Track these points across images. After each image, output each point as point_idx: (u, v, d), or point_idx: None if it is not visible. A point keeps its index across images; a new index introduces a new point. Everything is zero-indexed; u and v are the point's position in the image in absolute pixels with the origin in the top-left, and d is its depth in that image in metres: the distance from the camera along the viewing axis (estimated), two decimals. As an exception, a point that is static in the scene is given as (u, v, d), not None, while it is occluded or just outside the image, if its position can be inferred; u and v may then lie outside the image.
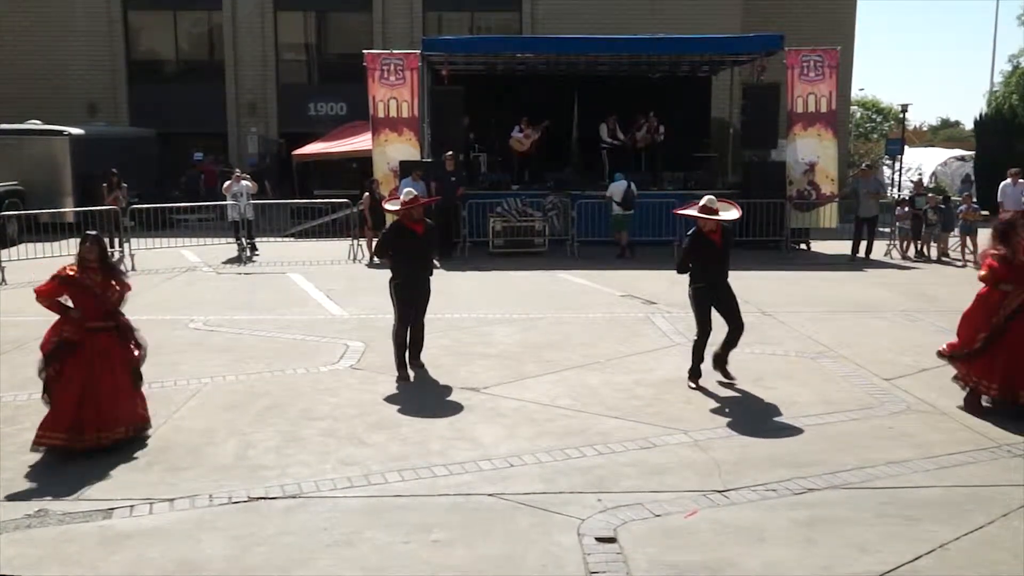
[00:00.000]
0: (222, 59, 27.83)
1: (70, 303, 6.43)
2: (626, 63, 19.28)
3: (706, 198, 7.89)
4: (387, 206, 9.09)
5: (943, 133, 62.17)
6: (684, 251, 7.99)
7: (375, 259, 16.16)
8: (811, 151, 17.29)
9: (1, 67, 26.48)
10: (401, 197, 8.61)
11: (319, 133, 25.59)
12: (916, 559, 4.61)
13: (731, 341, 8.06)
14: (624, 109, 19.33)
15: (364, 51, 18.00)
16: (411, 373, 8.28)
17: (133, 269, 14.96)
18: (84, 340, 6.30)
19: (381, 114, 17.39)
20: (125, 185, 16.92)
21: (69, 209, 18.49)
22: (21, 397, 7.65)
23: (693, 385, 7.92)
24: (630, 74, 20.08)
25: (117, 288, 6.49)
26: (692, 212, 7.86)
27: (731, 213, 7.97)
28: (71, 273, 6.35)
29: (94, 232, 6.65)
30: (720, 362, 8.07)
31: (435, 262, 9.48)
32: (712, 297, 7.97)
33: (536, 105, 19.07)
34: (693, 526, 5.06)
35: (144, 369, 6.85)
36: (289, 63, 28.75)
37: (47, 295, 6.40)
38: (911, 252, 16.75)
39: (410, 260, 8.30)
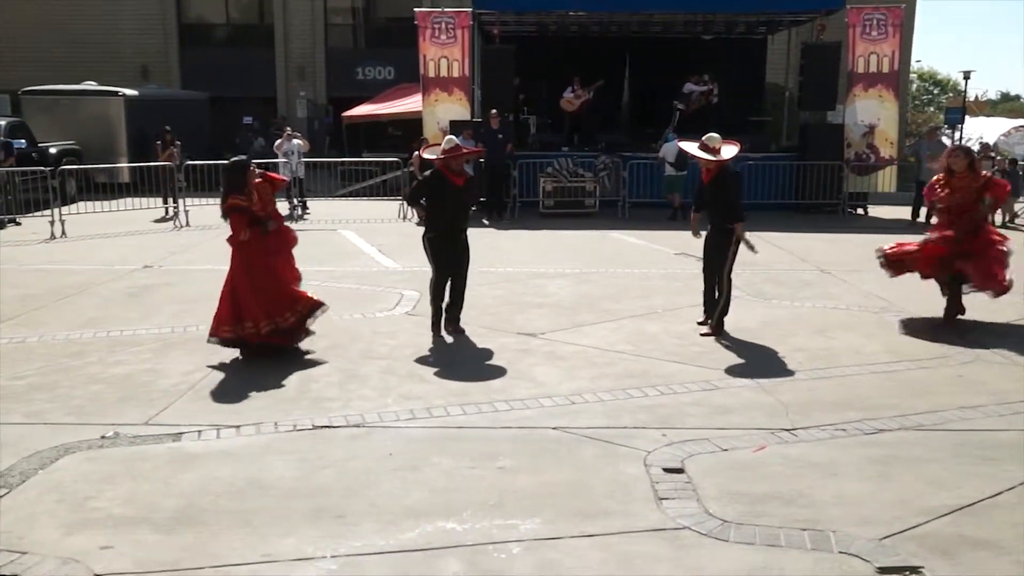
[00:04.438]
0: (271, 23, 27.95)
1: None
2: (680, 22, 18.91)
3: (706, 136, 7.84)
4: (425, 154, 8.30)
5: (1003, 107, 60.24)
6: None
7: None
8: (871, 113, 16.84)
9: (56, 31, 26.89)
10: (442, 146, 7.86)
11: (367, 97, 25.60)
12: (997, 495, 4.47)
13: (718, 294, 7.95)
14: (677, 72, 18.98)
15: (415, 9, 17.88)
16: (446, 336, 7.73)
17: (187, 225, 15.16)
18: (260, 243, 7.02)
19: (432, 73, 17.30)
20: (179, 143, 17.08)
21: (124, 165, 18.77)
22: (87, 335, 7.82)
23: (700, 321, 8.08)
24: (683, 35, 19.70)
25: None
26: (692, 149, 7.89)
27: (728, 150, 7.77)
28: (239, 203, 6.88)
29: (243, 158, 7.41)
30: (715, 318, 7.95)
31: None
32: (706, 239, 8.01)
33: (587, 68, 18.80)
34: (762, 460, 4.98)
35: (210, 312, 7.21)
36: (337, 27, 28.78)
37: (238, 232, 6.95)
38: (974, 217, 16.23)
39: (446, 214, 7.68)
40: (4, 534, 4.09)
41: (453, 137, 8.25)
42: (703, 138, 7.81)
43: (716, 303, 7.88)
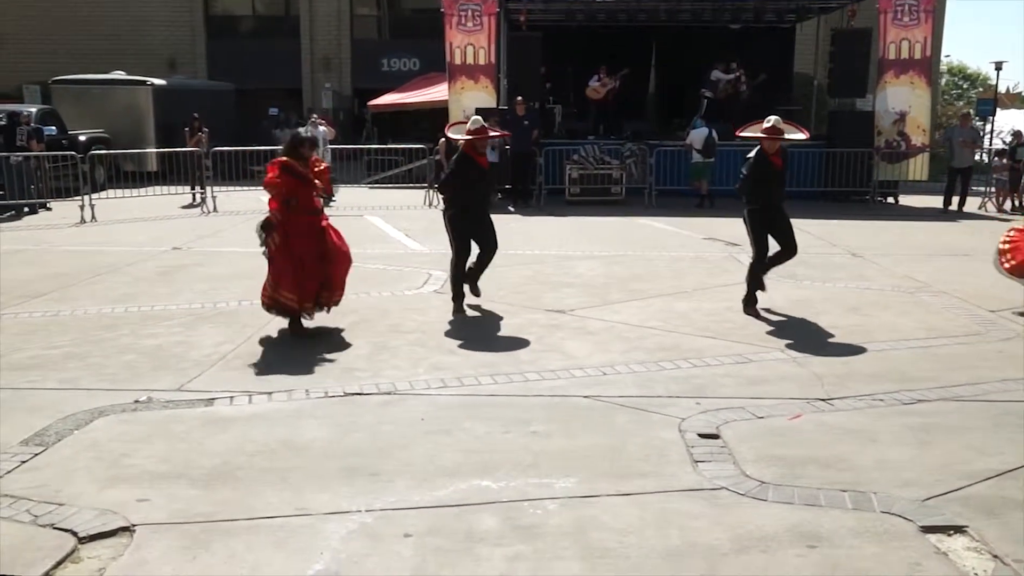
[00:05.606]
0: (297, 15, 28.08)
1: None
2: (709, 10, 18.74)
3: (773, 119, 7.64)
4: (450, 134, 8.22)
5: (1034, 101, 59.23)
6: (747, 173, 7.69)
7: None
8: (902, 100, 16.56)
9: (85, 24, 27.17)
10: (468, 126, 7.84)
11: (392, 88, 25.64)
12: (1042, 461, 4.38)
13: (778, 261, 7.85)
14: (703, 61, 18.83)
15: (442, -4, 17.85)
16: (468, 312, 7.79)
17: (215, 210, 15.25)
18: (302, 224, 6.86)
19: (458, 61, 17.25)
20: (207, 130, 17.18)
21: (152, 151, 18.92)
22: (118, 310, 7.87)
23: (750, 312, 7.69)
24: (711, 24, 19.54)
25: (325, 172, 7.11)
26: (757, 133, 7.61)
27: (798, 135, 7.75)
28: (285, 160, 6.83)
29: (309, 135, 7.56)
30: (770, 267, 7.92)
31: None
32: (767, 220, 7.77)
33: (613, 56, 18.71)
34: (799, 427, 4.91)
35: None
36: (363, 18, 28.85)
37: (273, 183, 6.78)
38: (1007, 206, 15.99)
39: (470, 193, 7.72)
40: (41, 488, 4.12)
41: (479, 118, 8.15)
42: (769, 122, 7.55)
43: (780, 263, 7.91)
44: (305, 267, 6.82)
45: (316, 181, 6.94)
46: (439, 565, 3.41)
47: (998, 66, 27.89)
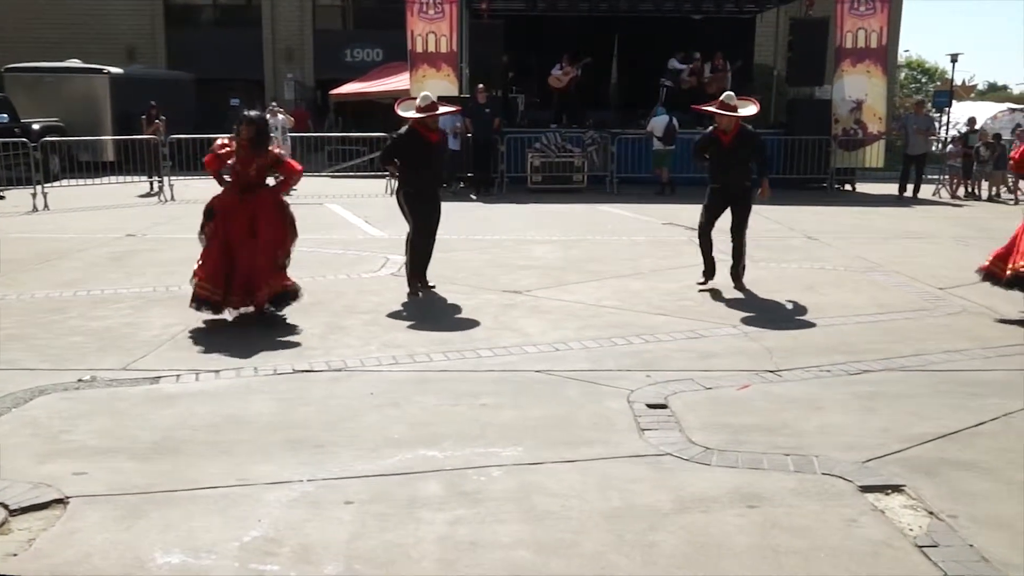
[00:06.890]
0: (259, 4, 27.71)
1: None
2: (670, 0, 18.82)
3: (724, 94, 7.81)
4: (399, 111, 7.88)
5: (990, 96, 60.35)
6: (694, 144, 8.07)
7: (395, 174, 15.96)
8: (859, 89, 16.79)
9: (43, 11, 26.58)
10: (417, 102, 7.64)
11: (355, 79, 25.43)
12: (980, 424, 4.46)
13: (736, 254, 7.89)
14: (665, 51, 18.91)
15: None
16: (420, 288, 7.75)
17: (172, 199, 15.02)
18: (234, 208, 6.68)
19: (419, 49, 17.17)
20: (164, 118, 16.89)
21: (108, 138, 18.57)
22: (67, 294, 7.72)
23: (701, 282, 7.90)
24: (673, 15, 19.61)
25: (265, 161, 6.74)
26: (711, 108, 7.81)
27: (748, 109, 7.80)
28: (219, 145, 6.78)
29: (254, 113, 6.95)
30: (735, 278, 7.92)
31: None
32: (720, 203, 7.87)
33: (575, 46, 18.71)
34: (746, 397, 4.95)
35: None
36: (325, 8, 28.55)
37: (209, 166, 6.79)
38: (961, 192, 16.28)
39: (421, 170, 7.60)
40: (-25, 463, 4.02)
41: (429, 94, 7.92)
42: (722, 97, 7.72)
43: (736, 260, 7.87)
44: (225, 254, 6.61)
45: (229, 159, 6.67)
46: (380, 529, 3.38)
47: (954, 58, 28.35)
